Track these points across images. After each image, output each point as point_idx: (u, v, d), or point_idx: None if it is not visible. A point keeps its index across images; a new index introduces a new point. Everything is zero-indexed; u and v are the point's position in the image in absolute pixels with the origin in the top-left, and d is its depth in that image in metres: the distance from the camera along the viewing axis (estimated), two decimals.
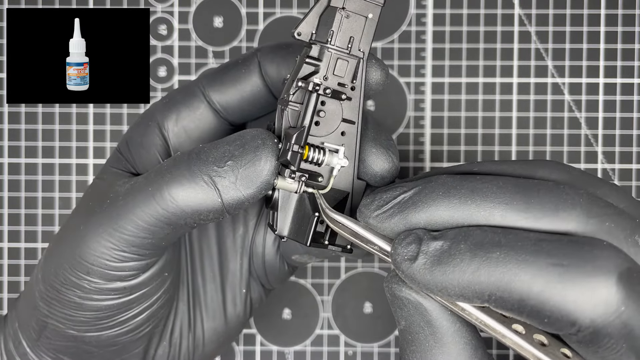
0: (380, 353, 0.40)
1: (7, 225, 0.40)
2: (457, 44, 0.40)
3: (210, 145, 0.27)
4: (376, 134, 0.28)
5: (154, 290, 0.29)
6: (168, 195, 0.26)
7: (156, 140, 0.30)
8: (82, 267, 0.27)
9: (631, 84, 0.40)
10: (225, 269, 0.33)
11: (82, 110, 0.40)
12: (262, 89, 0.30)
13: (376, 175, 0.28)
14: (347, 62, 0.27)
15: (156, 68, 0.40)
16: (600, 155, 0.40)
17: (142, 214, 0.26)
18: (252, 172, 0.26)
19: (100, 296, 0.27)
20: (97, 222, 0.27)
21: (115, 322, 0.28)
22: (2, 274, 0.40)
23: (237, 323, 0.33)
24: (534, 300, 0.22)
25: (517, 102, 0.40)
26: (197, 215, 0.26)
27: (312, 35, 0.27)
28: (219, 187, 0.26)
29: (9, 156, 0.40)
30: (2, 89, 0.40)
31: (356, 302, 0.40)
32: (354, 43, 0.27)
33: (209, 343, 0.32)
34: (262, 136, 0.26)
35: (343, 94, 0.27)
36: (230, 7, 0.40)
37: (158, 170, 0.27)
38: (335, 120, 0.28)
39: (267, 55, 0.29)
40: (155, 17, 0.40)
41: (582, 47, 0.40)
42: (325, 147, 0.27)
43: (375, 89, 0.28)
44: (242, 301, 0.33)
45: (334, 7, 0.27)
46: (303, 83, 0.27)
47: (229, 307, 0.33)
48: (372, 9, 0.27)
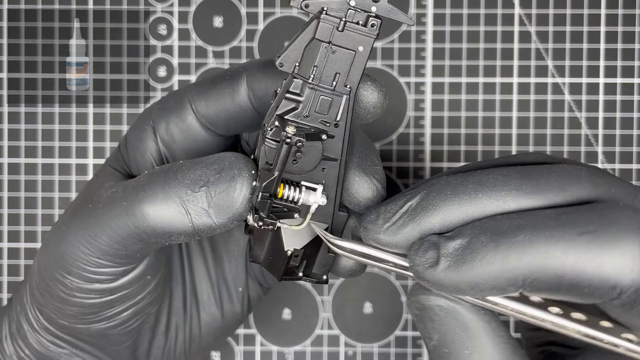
0: (380, 353, 0.40)
1: (6, 225, 0.40)
2: (457, 44, 0.40)
3: (189, 164, 0.26)
4: (361, 159, 0.27)
5: (136, 291, 0.29)
6: (140, 213, 0.26)
7: (150, 144, 0.30)
8: (63, 266, 0.27)
9: (631, 84, 0.40)
10: (221, 268, 0.33)
11: (82, 110, 0.40)
12: (248, 108, 0.29)
13: (359, 203, 0.27)
14: (330, 100, 0.25)
15: (156, 68, 0.40)
16: (601, 155, 0.40)
17: (115, 227, 0.26)
18: (225, 201, 0.25)
19: (82, 294, 0.28)
20: (76, 226, 0.27)
21: (101, 317, 0.29)
22: (2, 274, 0.40)
23: (235, 319, 0.33)
24: (570, 273, 0.22)
25: (517, 102, 0.40)
26: (168, 236, 0.26)
27: (295, 67, 0.25)
28: (190, 211, 0.25)
29: (9, 156, 0.40)
30: (2, 89, 0.40)
31: (356, 302, 0.40)
32: (340, 79, 0.25)
33: (205, 337, 0.33)
34: (239, 165, 0.26)
35: (324, 133, 0.25)
36: (230, 7, 0.40)
37: (135, 185, 0.27)
38: (314, 158, 0.26)
39: (255, 74, 0.28)
40: (155, 17, 0.40)
41: (582, 47, 0.40)
42: (302, 184, 0.26)
43: (373, 113, 0.26)
44: (239, 299, 0.33)
45: (319, 41, 0.24)
46: (279, 123, 0.25)
47: (225, 304, 0.33)
48: (363, 41, 0.24)
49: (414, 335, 0.40)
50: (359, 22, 0.24)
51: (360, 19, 0.24)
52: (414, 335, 0.40)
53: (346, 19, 0.24)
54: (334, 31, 0.24)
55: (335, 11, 0.24)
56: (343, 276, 0.29)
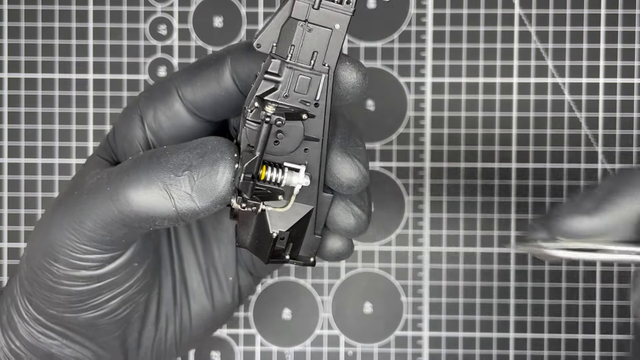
0: (380, 353, 0.40)
1: (6, 226, 0.40)
2: (457, 44, 0.40)
3: (173, 149, 0.26)
4: (344, 140, 0.27)
5: (124, 278, 0.29)
6: (124, 198, 0.26)
7: (138, 132, 0.30)
8: (50, 254, 0.27)
9: (631, 84, 0.40)
10: (210, 257, 0.33)
11: (82, 110, 0.40)
12: (234, 92, 0.29)
13: (342, 185, 0.27)
14: (309, 79, 0.25)
15: (156, 68, 0.40)
16: (601, 155, 0.40)
17: (100, 213, 0.26)
18: (208, 185, 0.25)
19: (69, 282, 0.28)
20: (62, 214, 0.27)
21: (89, 306, 0.29)
22: (2, 274, 0.40)
23: (225, 309, 0.33)
24: None
25: (517, 102, 0.40)
26: (152, 220, 0.26)
27: (272, 47, 0.25)
28: (174, 195, 0.26)
29: (9, 156, 0.40)
30: (2, 89, 0.40)
31: (356, 302, 0.40)
32: (318, 58, 0.25)
33: (196, 327, 0.33)
34: (222, 148, 0.26)
35: (304, 113, 0.25)
36: (230, 7, 0.40)
37: (119, 170, 0.27)
38: (296, 139, 0.26)
39: (238, 57, 0.28)
40: (155, 17, 0.40)
41: (582, 47, 0.40)
42: (284, 166, 0.26)
43: (352, 94, 0.26)
44: (230, 288, 0.33)
45: (295, 20, 0.24)
46: (259, 103, 0.25)
47: (216, 294, 0.33)
48: (339, 19, 0.24)
49: (414, 335, 0.40)
50: (334, 0, 0.24)
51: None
52: (414, 335, 0.40)
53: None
54: (310, 9, 0.24)
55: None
56: (329, 260, 0.30)
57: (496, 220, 0.40)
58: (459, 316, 0.40)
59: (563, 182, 0.40)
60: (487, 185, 0.40)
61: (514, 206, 0.40)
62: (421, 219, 0.40)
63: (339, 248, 0.29)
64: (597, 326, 0.40)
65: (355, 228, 0.28)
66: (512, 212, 0.40)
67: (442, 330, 0.40)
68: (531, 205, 0.40)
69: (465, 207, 0.40)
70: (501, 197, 0.40)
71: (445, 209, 0.40)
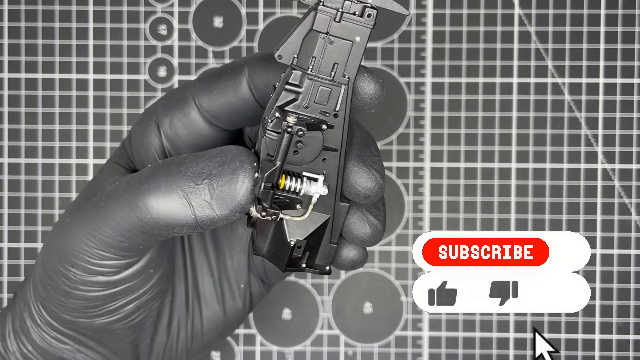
0: (380, 353, 0.40)
1: (7, 226, 0.40)
2: (457, 44, 0.40)
3: (192, 157, 0.27)
4: (361, 150, 0.28)
5: (139, 284, 0.29)
6: (143, 206, 0.26)
7: (154, 140, 0.30)
8: (67, 259, 0.27)
9: (631, 84, 0.40)
10: (223, 264, 0.33)
11: (82, 110, 0.40)
12: (250, 101, 0.29)
13: (359, 194, 0.27)
14: (329, 90, 0.25)
15: (156, 68, 0.40)
16: (600, 155, 0.40)
17: (119, 219, 0.26)
18: (228, 194, 0.26)
19: (85, 287, 0.28)
20: (80, 220, 0.27)
21: (104, 311, 0.29)
22: (2, 274, 0.40)
23: (237, 316, 0.33)
24: None
25: (517, 102, 0.40)
26: (171, 228, 0.26)
27: (293, 59, 0.25)
28: (193, 204, 0.26)
29: (9, 156, 0.40)
30: (2, 89, 0.40)
31: (356, 302, 0.40)
32: (338, 69, 0.25)
33: (207, 333, 0.33)
34: (241, 157, 0.26)
35: (324, 123, 0.26)
36: (230, 7, 0.40)
37: (138, 177, 0.27)
38: (315, 149, 0.26)
39: (255, 68, 0.29)
40: (155, 17, 0.40)
41: (582, 47, 0.40)
42: (303, 175, 0.26)
43: (370, 105, 0.27)
44: (241, 295, 0.33)
45: (317, 32, 0.25)
46: (280, 114, 0.25)
47: (227, 301, 0.33)
48: (360, 32, 0.25)
49: (414, 335, 0.40)
50: (355, 13, 0.25)
51: (357, 10, 0.25)
52: (414, 335, 0.40)
53: (343, 10, 0.25)
54: (331, 22, 0.25)
55: (331, 2, 0.25)
56: (344, 268, 0.30)
57: (496, 220, 0.40)
58: (459, 316, 0.40)
59: (563, 182, 0.40)
60: (487, 185, 0.40)
61: (514, 206, 0.40)
62: (421, 219, 0.40)
63: (354, 257, 0.29)
64: (597, 326, 0.40)
65: (370, 237, 0.28)
66: (512, 212, 0.40)
67: (442, 330, 0.40)
68: (531, 205, 0.40)
69: (465, 207, 0.40)
70: (501, 197, 0.40)
71: (445, 209, 0.40)
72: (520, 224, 0.40)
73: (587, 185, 0.40)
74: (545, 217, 0.40)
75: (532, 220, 0.40)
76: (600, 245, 0.40)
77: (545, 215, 0.40)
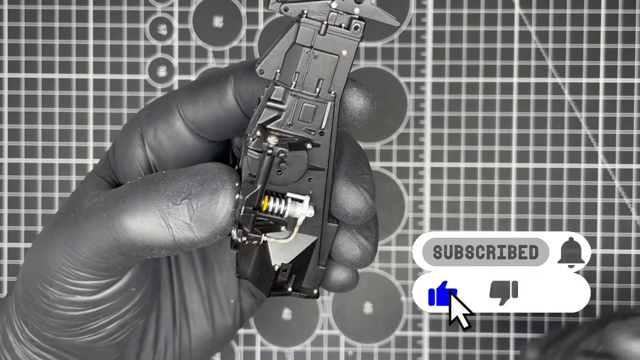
0: (380, 353, 0.40)
1: (7, 226, 0.40)
2: (457, 44, 0.40)
3: (172, 174, 0.26)
4: (350, 167, 0.26)
5: (121, 303, 0.28)
6: (119, 226, 0.25)
7: (138, 151, 0.28)
8: (45, 278, 0.26)
9: (631, 83, 0.40)
10: (212, 279, 0.32)
11: (82, 110, 0.40)
12: (237, 112, 0.27)
13: (347, 215, 0.26)
14: (314, 107, 0.24)
15: (156, 68, 0.40)
16: (601, 155, 0.40)
17: (95, 239, 0.25)
18: (207, 215, 0.24)
19: (64, 306, 0.27)
20: (57, 237, 0.26)
21: (85, 330, 0.28)
22: (2, 274, 0.40)
23: (226, 332, 0.32)
24: None
25: (517, 102, 0.40)
26: (149, 250, 0.25)
27: (276, 73, 0.24)
28: (172, 224, 0.25)
29: (9, 156, 0.40)
30: (2, 89, 0.40)
31: (356, 302, 0.40)
32: (324, 85, 0.23)
33: (195, 350, 0.32)
34: (222, 177, 0.25)
35: (309, 142, 0.24)
36: (230, 7, 0.40)
37: (116, 196, 0.26)
38: (300, 169, 0.25)
39: (241, 77, 0.27)
40: (155, 17, 0.40)
41: (582, 47, 0.40)
42: (287, 196, 0.25)
43: (359, 120, 0.25)
44: (231, 311, 0.32)
45: (300, 46, 0.23)
46: (261, 132, 0.24)
47: (216, 317, 0.32)
48: (347, 45, 0.23)
49: (414, 335, 0.40)
50: (341, 25, 0.23)
51: (343, 22, 0.23)
52: (414, 335, 0.40)
53: (328, 22, 0.23)
54: (316, 35, 0.23)
55: (316, 14, 0.23)
56: (334, 291, 0.29)
57: (496, 220, 0.40)
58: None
59: (563, 182, 0.40)
60: (488, 185, 0.40)
61: (514, 206, 0.40)
62: (421, 219, 0.40)
63: (344, 280, 0.28)
64: None
65: (360, 259, 0.27)
66: (512, 212, 0.40)
67: (442, 330, 0.40)
68: (531, 205, 0.40)
69: (465, 207, 0.40)
70: (501, 197, 0.40)
71: (445, 209, 0.40)
72: (521, 224, 0.40)
73: (587, 185, 0.40)
74: (546, 217, 0.40)
75: (532, 220, 0.40)
76: (601, 245, 0.40)
77: (545, 215, 0.40)
